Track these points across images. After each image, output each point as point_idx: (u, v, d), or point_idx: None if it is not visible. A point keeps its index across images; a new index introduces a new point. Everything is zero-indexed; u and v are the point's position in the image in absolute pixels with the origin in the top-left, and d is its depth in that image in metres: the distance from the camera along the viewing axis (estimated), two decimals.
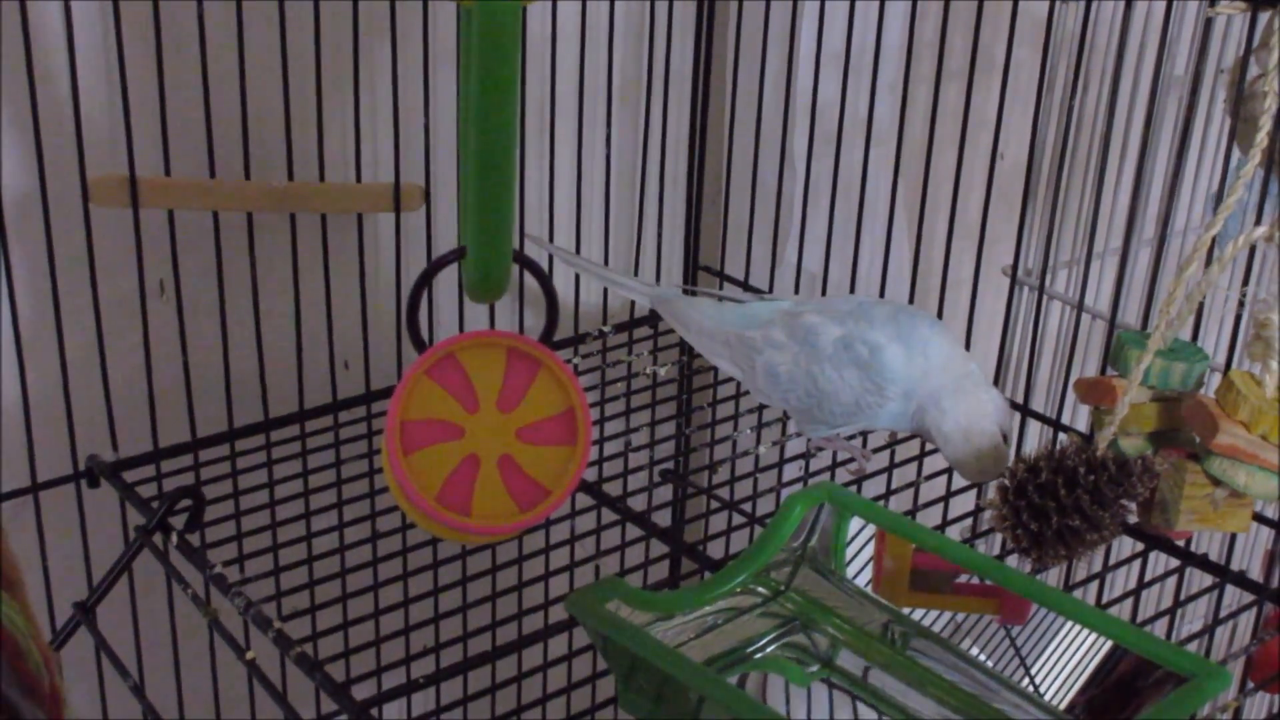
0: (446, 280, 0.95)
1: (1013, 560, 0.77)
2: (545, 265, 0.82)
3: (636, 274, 1.08)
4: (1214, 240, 0.75)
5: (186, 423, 0.87)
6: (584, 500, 0.86)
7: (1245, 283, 0.77)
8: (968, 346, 0.92)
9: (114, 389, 0.85)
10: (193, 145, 0.84)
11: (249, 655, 0.72)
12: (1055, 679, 0.66)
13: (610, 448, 0.92)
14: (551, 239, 1.00)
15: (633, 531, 0.85)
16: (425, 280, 0.74)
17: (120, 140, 0.81)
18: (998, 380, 0.94)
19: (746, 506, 0.85)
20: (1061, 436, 0.86)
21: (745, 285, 1.06)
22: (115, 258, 0.84)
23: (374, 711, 0.67)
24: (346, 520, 0.83)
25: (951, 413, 0.79)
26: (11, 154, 0.81)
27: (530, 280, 0.78)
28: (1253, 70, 0.77)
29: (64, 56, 0.78)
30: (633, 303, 1.08)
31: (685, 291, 0.92)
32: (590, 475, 0.88)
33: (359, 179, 0.89)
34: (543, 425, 0.71)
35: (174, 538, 0.80)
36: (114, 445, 0.86)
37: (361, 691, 0.69)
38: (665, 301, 0.89)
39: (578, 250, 1.01)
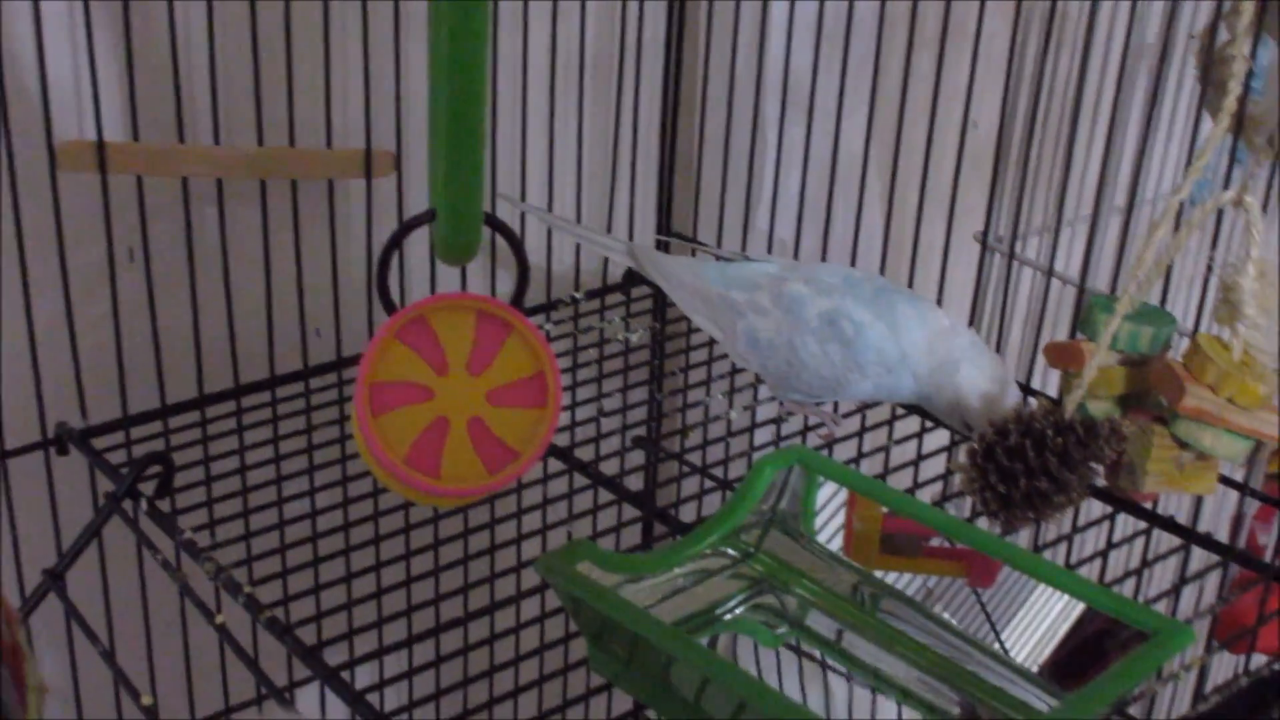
0: (418, 246, 0.94)
1: (982, 523, 0.77)
2: (518, 228, 0.82)
3: None
4: (1183, 205, 0.75)
5: (156, 389, 0.87)
6: (556, 465, 0.86)
7: (1213, 247, 0.77)
8: None
9: (83, 356, 0.85)
10: (161, 110, 0.83)
11: (219, 619, 0.72)
12: (1025, 642, 0.67)
13: (582, 413, 0.92)
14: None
15: (605, 496, 0.85)
16: (395, 242, 0.74)
17: (87, 105, 0.80)
18: None
19: (718, 471, 0.85)
20: (1031, 400, 0.87)
21: (717, 253, 1.06)
22: (83, 224, 0.83)
23: (345, 675, 0.67)
24: (317, 486, 0.83)
25: (974, 379, 0.80)
26: None
27: (503, 244, 0.78)
28: (1222, 36, 0.78)
29: (29, 21, 0.77)
30: (605, 269, 1.08)
31: (659, 243, 0.91)
32: (563, 440, 0.89)
33: (330, 144, 0.88)
34: (513, 388, 0.71)
35: (144, 504, 0.80)
36: (83, 412, 0.86)
37: (333, 656, 0.69)
38: (643, 253, 0.89)
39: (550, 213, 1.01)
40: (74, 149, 0.81)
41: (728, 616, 0.70)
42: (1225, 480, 0.82)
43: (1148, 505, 0.81)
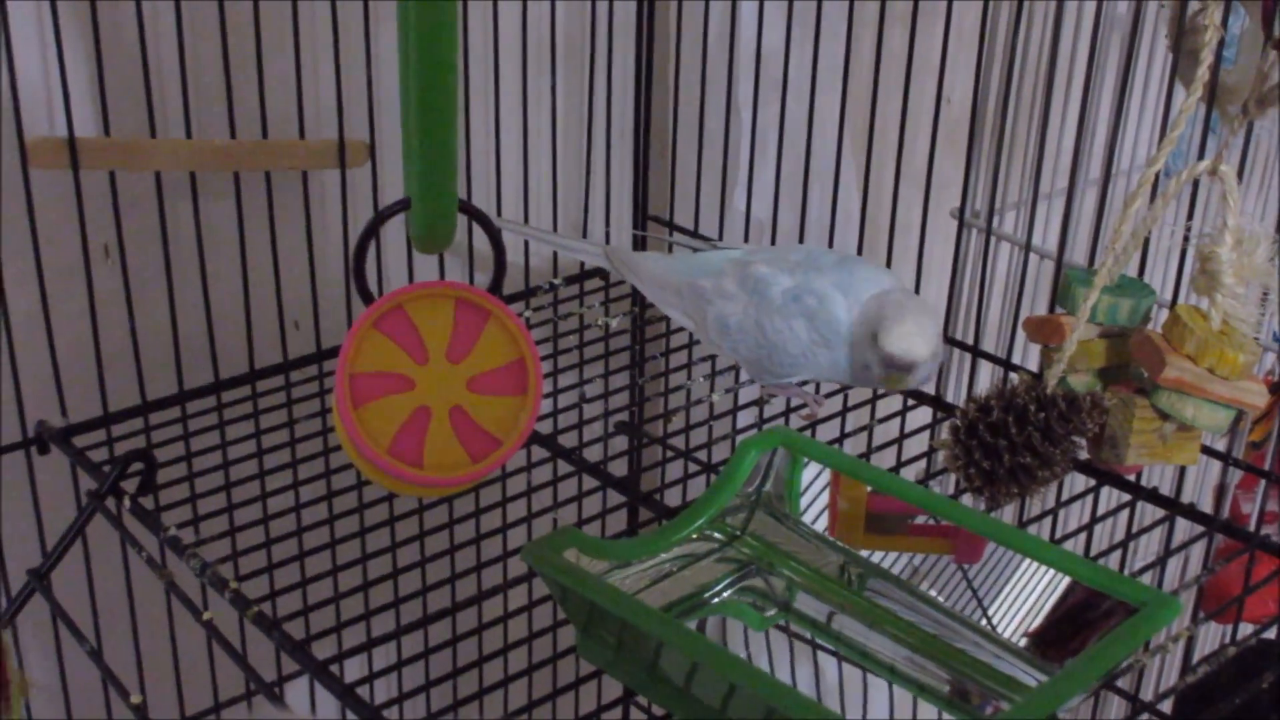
0: (395, 237, 0.94)
1: (967, 499, 0.77)
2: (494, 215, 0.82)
3: (586, 225, 1.08)
4: (1158, 176, 0.75)
5: (136, 386, 0.87)
6: (540, 453, 0.86)
7: (1190, 217, 0.78)
8: (917, 289, 0.92)
9: (61, 354, 0.84)
10: (132, 104, 0.83)
11: (206, 616, 0.72)
12: (1012, 617, 0.67)
13: (564, 400, 0.92)
14: (499, 192, 1.00)
15: (589, 483, 0.85)
16: (370, 232, 0.73)
17: (58, 101, 0.80)
18: (948, 323, 0.95)
19: (702, 454, 0.85)
20: (1012, 376, 0.87)
21: (695, 234, 1.06)
22: (57, 221, 0.83)
23: (334, 669, 0.67)
24: (301, 479, 0.83)
25: (885, 340, 0.78)
26: None
27: (479, 233, 0.78)
28: (1193, 5, 0.78)
29: None
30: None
31: (636, 239, 0.91)
32: (545, 428, 0.88)
33: (303, 136, 0.88)
34: (493, 375, 0.71)
35: (127, 502, 0.79)
36: (63, 411, 0.85)
37: (321, 649, 0.69)
38: (618, 255, 0.89)
39: (525, 201, 1.01)
40: (45, 145, 0.80)
41: (716, 600, 0.70)
42: (1208, 450, 0.82)
43: (1131, 478, 0.81)
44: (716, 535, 0.72)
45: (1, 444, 0.85)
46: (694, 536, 0.71)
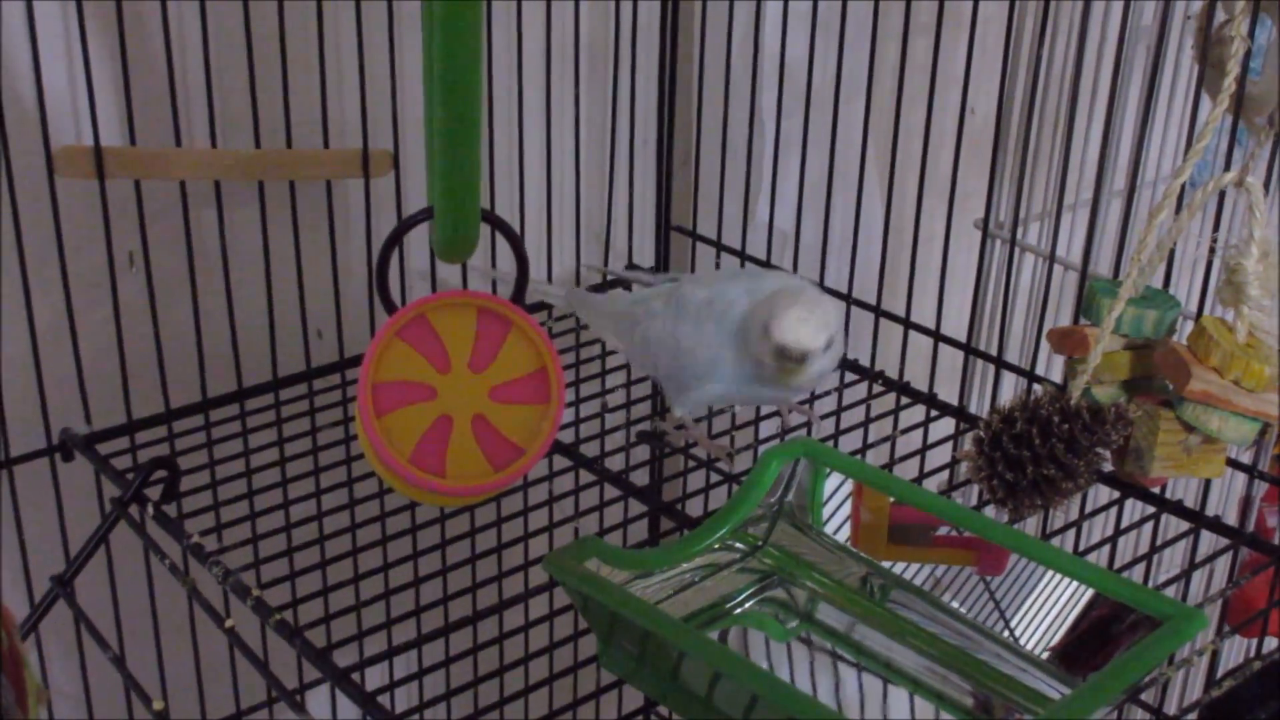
0: (418, 246, 0.94)
1: (990, 511, 0.77)
2: (516, 225, 0.82)
3: (609, 235, 1.08)
4: (1184, 187, 0.75)
5: (159, 394, 0.87)
6: (561, 462, 0.86)
7: (1215, 229, 0.77)
8: (940, 300, 0.92)
9: (85, 362, 0.84)
10: (157, 114, 0.83)
11: (228, 623, 0.72)
12: (1035, 630, 0.67)
13: (586, 409, 0.92)
14: (522, 202, 1.00)
15: (611, 492, 0.85)
16: (394, 241, 0.73)
17: (84, 110, 0.80)
18: (971, 333, 0.94)
19: (724, 464, 0.85)
20: (1036, 387, 0.87)
21: (718, 245, 1.06)
22: (82, 229, 0.83)
23: (355, 676, 0.67)
24: (323, 487, 0.83)
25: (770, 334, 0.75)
26: None
27: (502, 242, 0.78)
28: (1219, 16, 0.77)
29: (24, 25, 0.77)
30: (605, 264, 1.08)
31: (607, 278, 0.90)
32: (567, 437, 0.88)
33: (327, 145, 0.88)
34: (515, 384, 0.71)
35: (150, 509, 0.80)
36: (87, 418, 0.86)
37: (343, 657, 0.69)
38: (576, 296, 0.89)
39: (548, 211, 1.01)
40: (71, 154, 0.81)
41: (737, 610, 0.70)
42: (1233, 463, 0.81)
43: (1155, 490, 0.81)
44: (738, 545, 0.72)
45: (26, 451, 0.85)
46: (716, 547, 0.71)
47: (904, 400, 0.93)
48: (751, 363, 0.77)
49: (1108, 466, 0.78)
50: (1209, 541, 0.80)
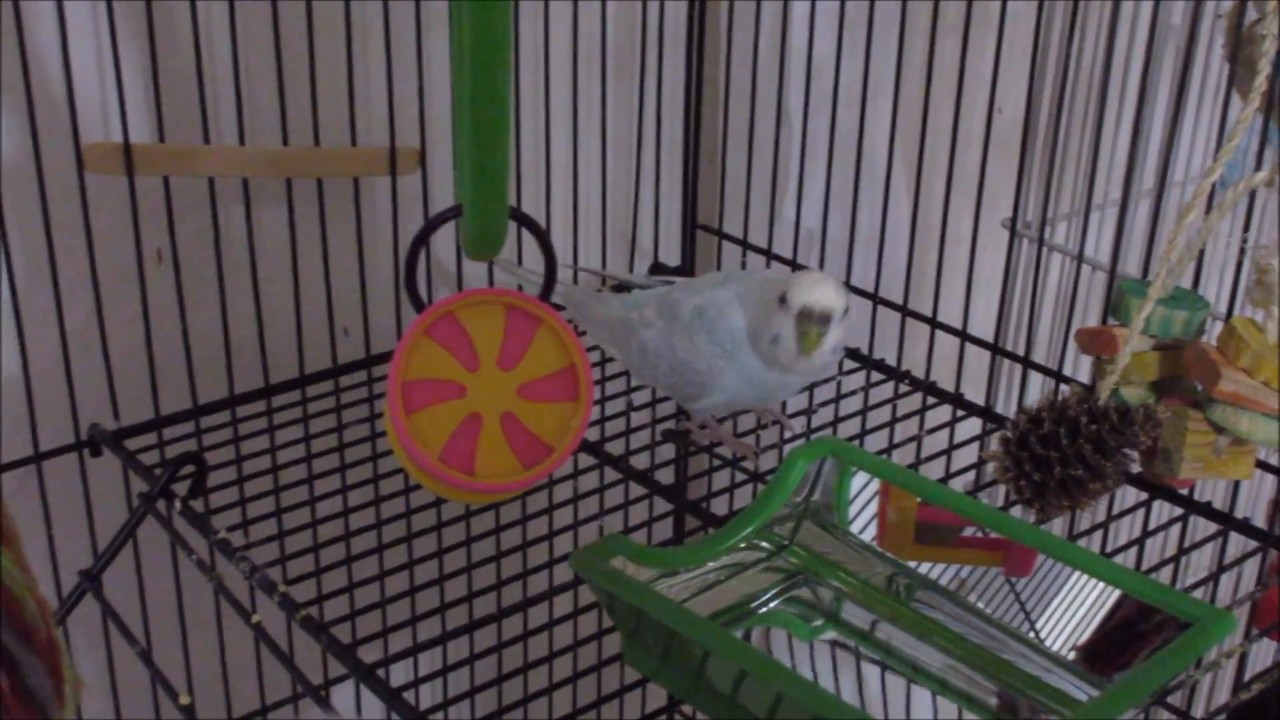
0: (446, 243, 0.95)
1: (1016, 512, 0.77)
2: (544, 223, 0.82)
3: (635, 234, 1.08)
4: (1214, 187, 0.75)
5: (187, 390, 0.87)
6: (587, 460, 0.86)
7: (1246, 229, 0.77)
8: (968, 300, 0.92)
9: (114, 358, 0.85)
10: (186, 111, 0.83)
11: (254, 618, 0.72)
12: (1061, 630, 0.66)
13: (612, 407, 0.92)
14: (549, 200, 1.00)
15: (636, 490, 0.85)
16: (422, 239, 0.74)
17: (113, 107, 0.80)
18: (998, 333, 0.94)
19: (749, 463, 0.85)
20: (1063, 387, 0.86)
21: (744, 243, 1.05)
22: (112, 226, 0.84)
23: (380, 673, 0.68)
24: (349, 484, 0.83)
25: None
26: (4, 123, 0.81)
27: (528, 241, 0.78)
28: (1250, 14, 0.77)
29: (55, 23, 0.77)
30: (631, 261, 1.08)
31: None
32: (593, 435, 0.88)
33: (354, 142, 0.88)
34: (544, 382, 0.71)
35: (177, 504, 0.80)
36: (115, 414, 0.86)
37: (368, 654, 0.69)
38: (572, 296, 0.89)
39: (575, 209, 1.01)
40: (100, 151, 0.81)
41: (763, 610, 0.70)
42: (1262, 465, 0.81)
43: (1184, 491, 0.80)
44: (764, 544, 0.72)
45: (55, 446, 0.85)
46: (741, 545, 0.71)
47: (930, 400, 0.92)
48: (762, 351, 0.76)
49: (1136, 468, 0.77)
50: (1238, 544, 0.80)
